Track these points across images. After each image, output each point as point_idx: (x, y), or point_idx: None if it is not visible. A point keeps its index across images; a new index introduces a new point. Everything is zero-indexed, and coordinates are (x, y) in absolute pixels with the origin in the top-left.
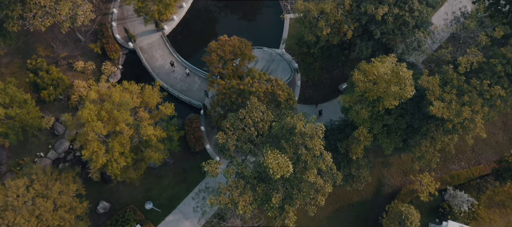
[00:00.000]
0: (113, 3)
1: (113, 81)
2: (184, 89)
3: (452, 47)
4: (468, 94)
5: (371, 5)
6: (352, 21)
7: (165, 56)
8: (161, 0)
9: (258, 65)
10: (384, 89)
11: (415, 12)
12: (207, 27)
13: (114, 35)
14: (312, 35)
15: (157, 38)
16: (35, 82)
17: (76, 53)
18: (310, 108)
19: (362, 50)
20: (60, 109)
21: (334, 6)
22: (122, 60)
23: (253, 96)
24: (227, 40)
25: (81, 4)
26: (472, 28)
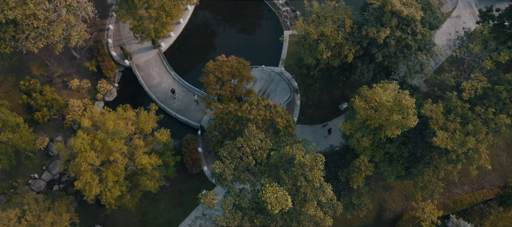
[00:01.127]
0: (109, 19)
1: (109, 99)
2: (181, 109)
3: (456, 71)
4: (472, 123)
5: (373, 28)
6: (353, 44)
7: (162, 74)
8: (157, 19)
9: (256, 85)
10: (386, 118)
11: (418, 35)
12: (205, 43)
13: (110, 52)
14: (312, 58)
15: (154, 55)
16: (28, 104)
17: (71, 71)
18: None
19: (363, 73)
20: (55, 129)
21: (335, 28)
22: (118, 78)
23: (251, 124)
24: (225, 61)
25: (75, 25)
26: (476, 52)
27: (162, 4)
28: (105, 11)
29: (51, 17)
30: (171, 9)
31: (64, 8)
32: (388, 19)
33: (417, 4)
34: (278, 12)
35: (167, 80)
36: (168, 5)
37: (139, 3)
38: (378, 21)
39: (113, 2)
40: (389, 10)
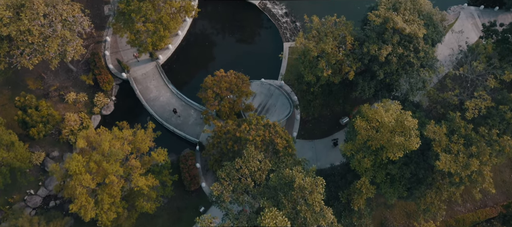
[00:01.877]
0: (106, 30)
1: (106, 113)
2: (179, 124)
3: (459, 89)
4: (476, 144)
5: (374, 45)
6: (354, 61)
7: (160, 88)
8: (155, 32)
9: (256, 100)
10: (388, 139)
11: (421, 53)
12: (204, 55)
13: (107, 65)
14: (312, 76)
15: (152, 68)
16: (23, 120)
17: (67, 84)
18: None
19: (364, 90)
20: (51, 144)
21: (335, 45)
22: (115, 91)
23: (249, 145)
24: (224, 76)
25: (71, 40)
26: (480, 71)
27: (159, 18)
28: (102, 23)
29: (46, 32)
30: (168, 23)
31: (59, 23)
32: (390, 36)
33: (419, 20)
34: (278, 23)
35: (165, 94)
36: (165, 19)
37: (136, 17)
38: (380, 37)
39: (111, 13)
40: (391, 27)
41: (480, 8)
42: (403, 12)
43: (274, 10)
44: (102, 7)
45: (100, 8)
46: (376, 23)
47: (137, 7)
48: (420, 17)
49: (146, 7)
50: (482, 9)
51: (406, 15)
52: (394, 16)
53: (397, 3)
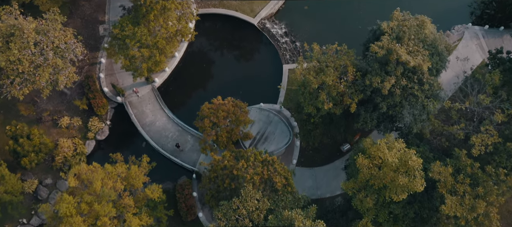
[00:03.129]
0: (101, 52)
1: (101, 138)
2: (176, 150)
3: (465, 122)
4: (482, 185)
5: (377, 77)
6: (355, 92)
7: (156, 112)
8: (150, 58)
9: (254, 127)
10: (391, 179)
11: (425, 85)
12: (201, 77)
13: (101, 88)
14: (313, 108)
15: (148, 91)
16: (15, 149)
17: (61, 108)
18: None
19: (366, 121)
20: (44, 171)
21: (337, 76)
22: (110, 115)
23: (247, 184)
24: (221, 104)
25: (63, 68)
26: (486, 104)
27: (155, 43)
28: (97, 44)
29: (37, 61)
30: (164, 47)
31: (51, 51)
32: (394, 68)
33: (423, 50)
34: (277, 44)
35: (161, 118)
36: (161, 43)
37: (130, 42)
38: (383, 68)
39: (105, 34)
40: (395, 59)
41: (485, 28)
42: (407, 42)
43: (273, 30)
44: (97, 27)
45: (95, 28)
46: (379, 55)
47: (131, 33)
48: (424, 47)
49: (141, 32)
50: (487, 29)
51: (410, 45)
52: (398, 48)
53: (401, 33)
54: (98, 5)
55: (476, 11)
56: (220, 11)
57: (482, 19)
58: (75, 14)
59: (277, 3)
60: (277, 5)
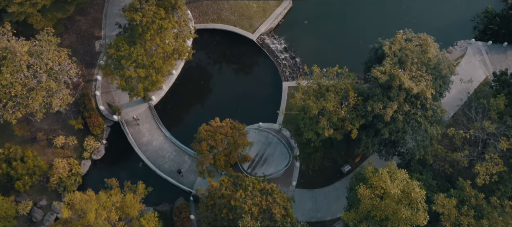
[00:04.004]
0: (97, 68)
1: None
2: (173, 170)
3: (469, 149)
4: (487, 217)
5: (379, 103)
6: (357, 117)
7: (153, 131)
8: (146, 77)
9: (253, 149)
10: (394, 210)
11: (428, 111)
12: (199, 95)
13: (97, 106)
14: (313, 133)
15: (144, 109)
16: (8, 173)
17: (56, 127)
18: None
19: (368, 147)
20: (39, 192)
21: (338, 101)
22: (106, 134)
23: (246, 216)
24: (219, 126)
25: (57, 91)
26: (492, 131)
27: (152, 62)
28: (93, 60)
29: (30, 84)
30: (161, 67)
31: (44, 74)
32: (396, 94)
33: (427, 75)
34: (277, 60)
35: (158, 138)
36: (158, 63)
37: (126, 63)
38: (385, 93)
39: (102, 49)
40: (397, 85)
41: (488, 43)
42: (410, 66)
43: (272, 45)
44: (93, 43)
45: (91, 44)
46: (381, 80)
47: (127, 53)
48: (427, 71)
49: (137, 52)
50: (490, 44)
51: (413, 70)
52: (401, 74)
53: (404, 56)
54: (94, 20)
55: (479, 26)
56: (219, 27)
57: (485, 35)
58: (70, 29)
59: (277, 17)
60: (277, 20)
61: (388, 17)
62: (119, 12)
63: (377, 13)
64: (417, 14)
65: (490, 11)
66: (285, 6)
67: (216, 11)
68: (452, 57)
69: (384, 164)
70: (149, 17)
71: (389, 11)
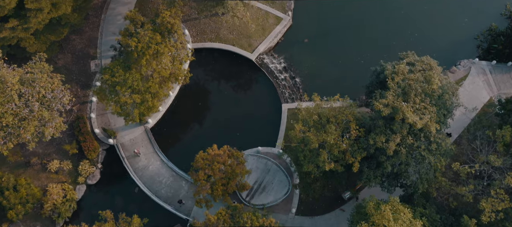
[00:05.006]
0: (92, 89)
1: (92, 182)
2: (169, 197)
3: (474, 183)
4: None
5: (381, 136)
6: (358, 150)
7: (149, 155)
8: (142, 103)
9: (252, 176)
10: None
11: (433, 145)
12: (196, 117)
13: (92, 129)
14: (313, 166)
15: (141, 132)
16: (0, 203)
17: (50, 151)
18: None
19: (369, 179)
20: (33, 218)
21: (339, 133)
22: (101, 158)
23: None
24: (216, 155)
25: (49, 120)
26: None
27: (147, 87)
28: (88, 81)
29: (22, 113)
30: (157, 91)
31: (37, 102)
32: (399, 127)
33: (431, 107)
34: (276, 81)
35: (154, 162)
36: (154, 88)
37: (121, 89)
38: (388, 125)
39: (97, 69)
40: (401, 118)
41: (492, 63)
42: (414, 98)
43: (272, 65)
44: (88, 63)
45: (86, 64)
46: (383, 114)
47: (122, 79)
48: (431, 102)
49: (133, 78)
50: (494, 64)
51: (416, 101)
52: (404, 108)
53: (407, 87)
54: (90, 39)
55: (483, 44)
56: (217, 46)
57: (489, 54)
58: (65, 49)
59: (276, 36)
60: (276, 38)
61: (390, 34)
62: (115, 30)
63: (379, 31)
64: (420, 30)
65: (494, 29)
66: (285, 24)
67: (214, 29)
68: (455, 77)
69: (386, 194)
70: (145, 43)
71: (391, 28)
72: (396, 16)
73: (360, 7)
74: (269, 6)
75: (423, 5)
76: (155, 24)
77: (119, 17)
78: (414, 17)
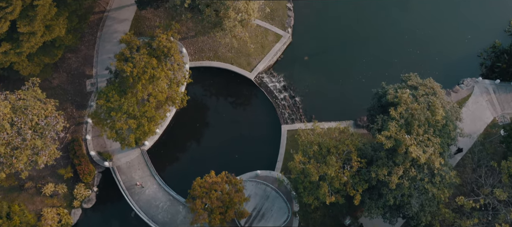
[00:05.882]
0: (88, 109)
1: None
2: (166, 222)
3: (478, 216)
4: None
5: (384, 168)
6: (360, 182)
7: (146, 179)
8: (138, 127)
9: (250, 203)
10: None
11: (436, 177)
12: (194, 138)
13: (88, 151)
14: (313, 198)
15: (137, 155)
16: None
17: (45, 174)
18: None
19: (371, 210)
20: None
21: (340, 165)
22: (97, 181)
23: None
24: (214, 183)
25: (42, 148)
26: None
27: (144, 112)
28: (84, 101)
29: (14, 142)
30: (154, 116)
31: (29, 130)
32: (402, 160)
33: (435, 138)
34: (275, 101)
35: (151, 186)
36: (150, 113)
37: (116, 115)
38: (390, 157)
39: (93, 89)
40: (403, 151)
41: (496, 82)
42: (417, 129)
43: (271, 84)
44: (84, 83)
45: (82, 83)
46: (386, 147)
47: (118, 105)
48: (435, 133)
49: (128, 104)
50: (498, 83)
51: (420, 133)
52: (408, 141)
53: (410, 118)
54: (85, 58)
55: (486, 62)
56: (215, 65)
57: (493, 72)
58: (60, 68)
59: (276, 54)
60: (276, 56)
61: (391, 51)
62: (111, 48)
63: (380, 48)
64: (421, 47)
65: (497, 46)
66: (284, 41)
67: (213, 48)
68: (458, 96)
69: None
70: (140, 68)
71: (392, 45)
72: (397, 33)
73: (361, 23)
74: (269, 23)
75: (424, 21)
76: (151, 47)
77: (116, 34)
78: (416, 34)
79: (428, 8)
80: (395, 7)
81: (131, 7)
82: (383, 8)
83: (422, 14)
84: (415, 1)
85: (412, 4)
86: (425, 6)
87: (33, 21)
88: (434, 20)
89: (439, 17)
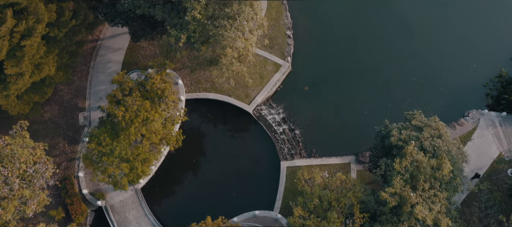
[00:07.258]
0: (80, 144)
1: None
2: None
3: None
4: None
5: (388, 225)
6: None
7: (140, 219)
8: (131, 170)
9: None
10: None
11: None
12: (190, 174)
13: (80, 190)
14: None
15: (131, 194)
16: None
17: (36, 214)
18: None
19: None
20: None
21: (341, 220)
22: (90, 220)
23: None
24: None
25: (31, 197)
26: None
27: (137, 155)
28: (76, 135)
29: (1, 192)
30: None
31: (17, 179)
32: (407, 218)
33: (441, 194)
34: (274, 136)
35: (145, 226)
36: (144, 155)
37: (108, 160)
38: (394, 212)
39: (86, 123)
40: (408, 211)
41: (502, 114)
42: (423, 184)
43: (270, 116)
44: (77, 116)
45: (74, 116)
46: (390, 205)
47: (109, 149)
48: (442, 187)
49: (121, 147)
50: (505, 115)
51: (425, 189)
52: (413, 199)
53: (416, 171)
54: (78, 90)
55: (492, 92)
56: (212, 96)
57: (499, 104)
58: (52, 100)
59: (275, 84)
60: (275, 87)
61: (394, 82)
62: (105, 79)
63: (383, 77)
64: (425, 77)
65: (503, 76)
66: (284, 71)
67: (210, 79)
68: (463, 130)
69: None
70: (133, 112)
71: (395, 76)
72: (400, 62)
73: (362, 52)
74: (268, 52)
75: (428, 49)
76: (144, 88)
77: (110, 64)
78: (419, 63)
79: (432, 36)
80: (398, 35)
81: (125, 35)
82: (386, 36)
83: (425, 42)
84: (418, 30)
85: (416, 33)
86: (428, 35)
87: (21, 62)
88: (438, 48)
89: (444, 45)
